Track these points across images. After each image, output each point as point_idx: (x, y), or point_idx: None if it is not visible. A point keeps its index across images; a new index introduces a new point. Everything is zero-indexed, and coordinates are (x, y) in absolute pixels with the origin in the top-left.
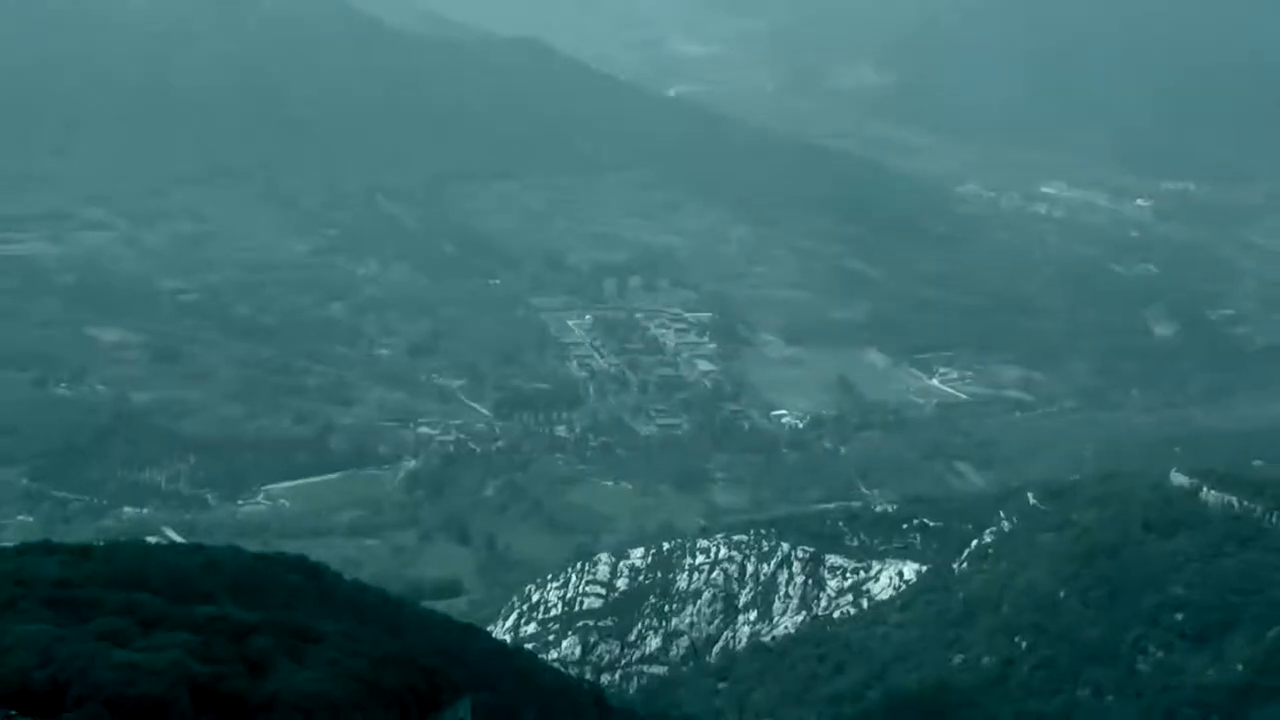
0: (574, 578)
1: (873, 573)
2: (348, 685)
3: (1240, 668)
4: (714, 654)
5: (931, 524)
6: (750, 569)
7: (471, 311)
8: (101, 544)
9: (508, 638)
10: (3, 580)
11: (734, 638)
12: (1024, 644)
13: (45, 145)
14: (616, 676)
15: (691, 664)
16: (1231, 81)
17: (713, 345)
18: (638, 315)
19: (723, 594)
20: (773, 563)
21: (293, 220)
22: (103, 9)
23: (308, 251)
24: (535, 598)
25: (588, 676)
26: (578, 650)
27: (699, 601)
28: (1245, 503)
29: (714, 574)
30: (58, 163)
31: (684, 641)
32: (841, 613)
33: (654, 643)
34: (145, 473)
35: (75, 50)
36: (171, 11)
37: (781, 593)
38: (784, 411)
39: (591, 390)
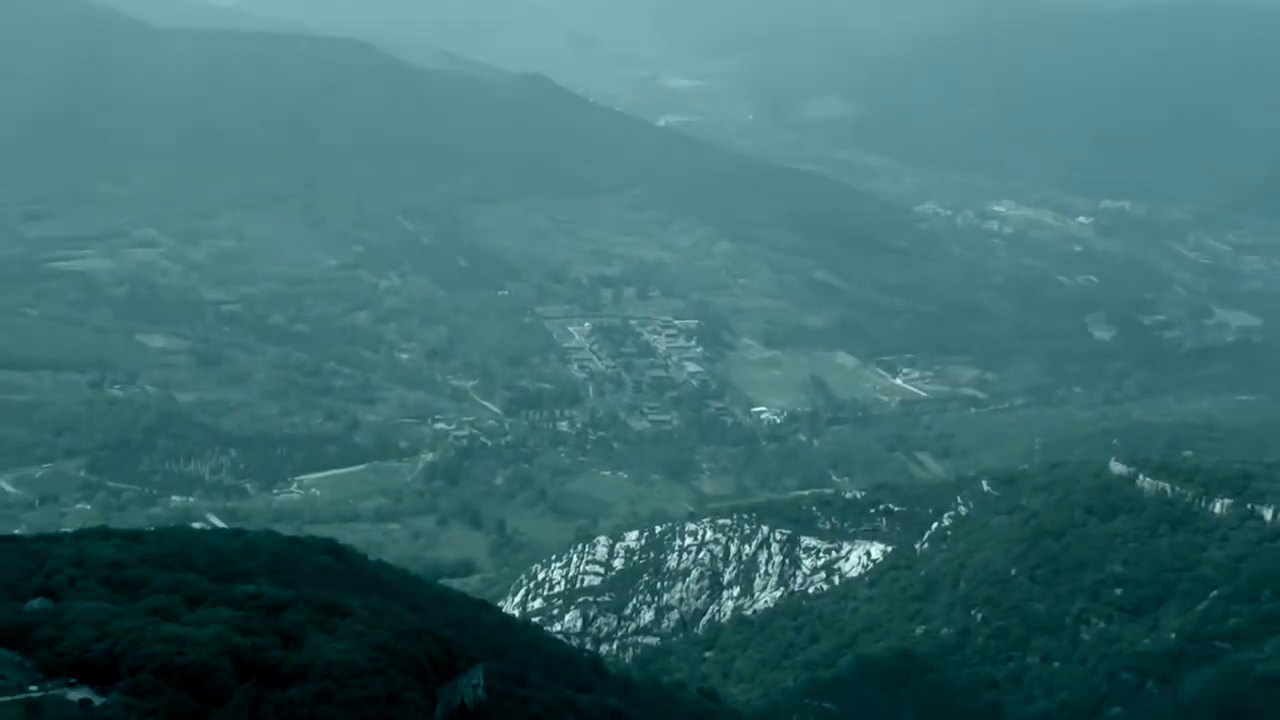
0: (575, 558)
1: (843, 553)
2: (372, 655)
3: (1173, 636)
4: (701, 626)
5: (896, 509)
6: (733, 549)
7: (482, 319)
8: (152, 529)
9: (516, 612)
10: (64, 562)
11: (719, 611)
12: (979, 616)
13: (103, 173)
14: (614, 646)
15: (681, 635)
16: (1164, 113)
17: (699, 349)
18: (632, 322)
19: (709, 572)
20: (753, 544)
21: (323, 238)
22: (155, 52)
23: (336, 266)
24: (540, 576)
25: (588, 646)
26: (579, 623)
27: (687, 579)
28: (1177, 489)
29: (701, 554)
30: (114, 188)
31: (674, 615)
32: (815, 589)
33: (647, 616)
34: (190, 465)
35: (131, 88)
36: (216, 54)
37: (761, 571)
38: (763, 408)
39: (590, 390)
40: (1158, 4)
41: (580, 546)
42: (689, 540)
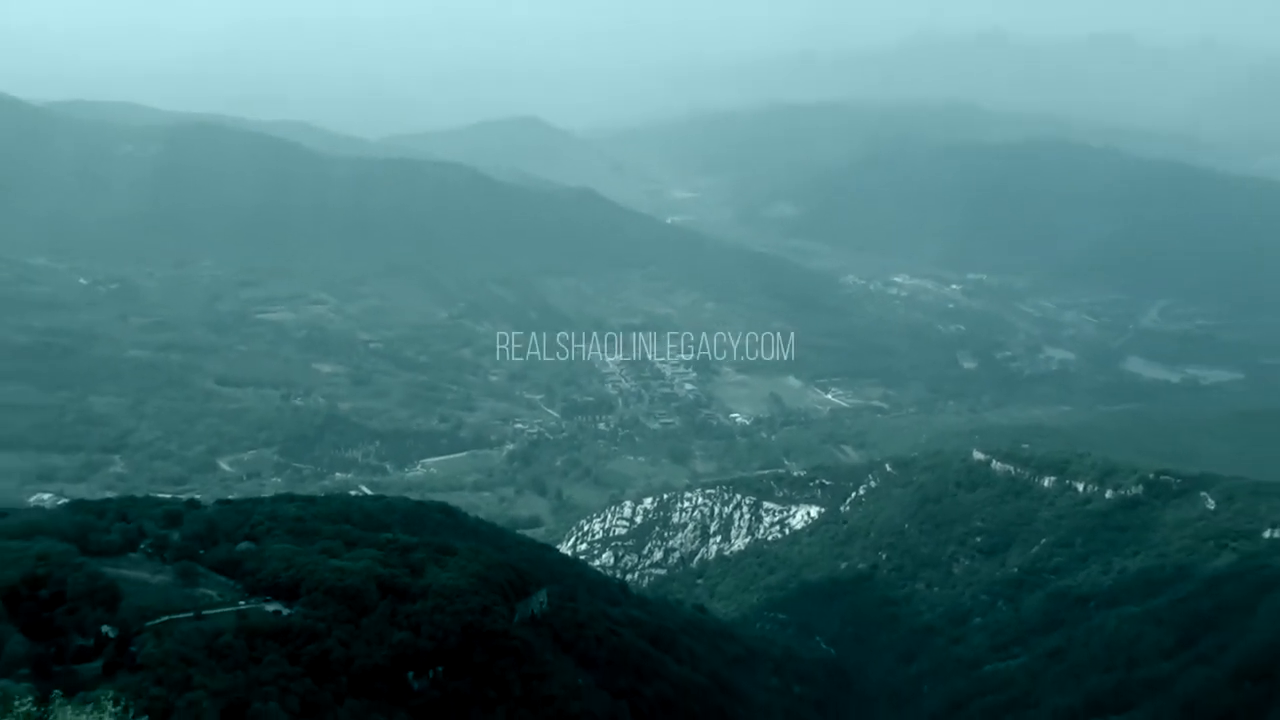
0: (609, 515)
1: (791, 512)
2: (471, 580)
3: (1016, 570)
4: (695, 562)
5: (827, 483)
6: (717, 510)
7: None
8: (322, 496)
9: (569, 552)
10: (263, 518)
11: (707, 552)
12: (884, 556)
13: (290, 254)
14: (635, 575)
15: (681, 568)
16: (1011, 215)
17: (694, 375)
18: (649, 357)
19: (700, 525)
20: (730, 506)
21: (438, 298)
22: (324, 174)
23: (447, 317)
24: (585, 528)
25: (617, 576)
26: (611, 560)
27: (685, 530)
28: (1018, 470)
29: (695, 513)
30: (297, 263)
31: (676, 555)
32: (773, 537)
33: (658, 555)
34: (348, 452)
35: (307, 198)
36: (366, 175)
37: (736, 525)
38: (737, 414)
39: (620, 402)
40: (1007, 140)
41: (613, 507)
42: (687, 503)
